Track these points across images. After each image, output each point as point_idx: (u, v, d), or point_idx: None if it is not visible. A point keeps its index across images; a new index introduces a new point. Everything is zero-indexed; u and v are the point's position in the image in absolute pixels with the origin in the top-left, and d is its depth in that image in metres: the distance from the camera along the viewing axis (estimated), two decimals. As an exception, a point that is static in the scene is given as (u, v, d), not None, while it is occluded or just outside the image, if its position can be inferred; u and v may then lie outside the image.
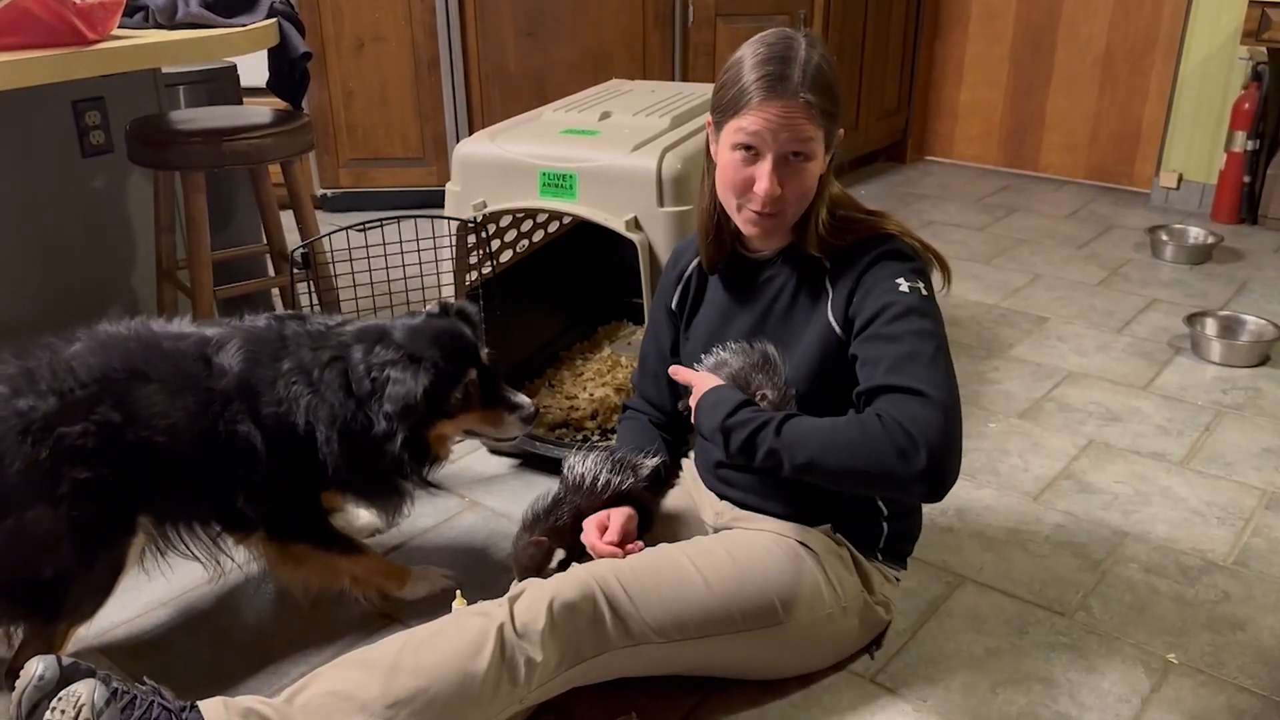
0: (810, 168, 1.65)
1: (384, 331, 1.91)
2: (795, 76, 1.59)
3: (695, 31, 4.60)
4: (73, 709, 1.43)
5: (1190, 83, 4.55)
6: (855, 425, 1.56)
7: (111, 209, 2.91)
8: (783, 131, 1.61)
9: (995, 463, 2.64)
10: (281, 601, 2.14)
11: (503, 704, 1.59)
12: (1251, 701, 1.85)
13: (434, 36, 4.46)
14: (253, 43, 2.64)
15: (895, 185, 5.20)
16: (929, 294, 1.68)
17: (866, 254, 1.70)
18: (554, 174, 2.36)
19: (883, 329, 1.63)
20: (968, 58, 5.37)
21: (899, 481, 1.52)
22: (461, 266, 2.53)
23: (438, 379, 1.85)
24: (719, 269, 1.87)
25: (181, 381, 1.82)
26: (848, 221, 1.74)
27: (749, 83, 1.61)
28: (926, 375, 1.55)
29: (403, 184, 4.68)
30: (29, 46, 2.22)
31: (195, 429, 1.80)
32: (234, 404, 1.82)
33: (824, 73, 1.62)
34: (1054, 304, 3.68)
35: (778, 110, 1.60)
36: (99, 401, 1.73)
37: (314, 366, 1.86)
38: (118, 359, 1.80)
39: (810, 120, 1.61)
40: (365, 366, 1.85)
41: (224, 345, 1.87)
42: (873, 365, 1.61)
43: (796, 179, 1.65)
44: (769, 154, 1.63)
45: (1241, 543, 2.31)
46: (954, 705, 1.84)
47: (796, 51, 1.62)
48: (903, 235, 1.73)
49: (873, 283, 1.67)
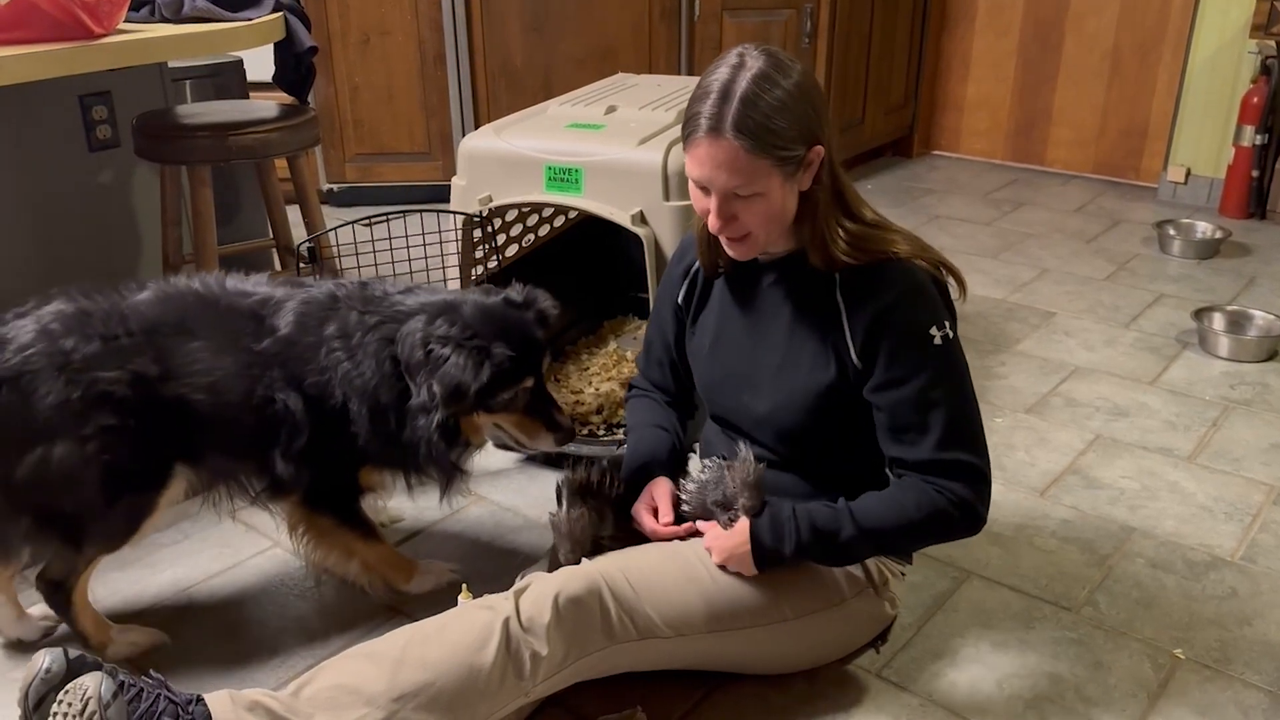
0: (758, 204, 1.58)
1: (452, 306, 1.83)
2: (727, 117, 1.51)
3: (701, 25, 4.60)
4: (80, 702, 1.44)
5: (1199, 77, 4.53)
6: (915, 506, 1.65)
7: (118, 203, 2.92)
8: (719, 173, 1.55)
9: (1002, 458, 2.63)
10: (288, 595, 2.14)
11: (508, 697, 1.59)
12: (1259, 697, 1.85)
13: (440, 31, 4.46)
14: (259, 37, 2.65)
15: (902, 180, 5.19)
16: (955, 332, 1.66)
17: (886, 287, 1.64)
18: (560, 168, 2.36)
19: (925, 394, 1.63)
20: (975, 52, 5.35)
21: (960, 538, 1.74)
22: (467, 261, 2.53)
23: (495, 376, 1.78)
24: (720, 273, 1.84)
25: (227, 341, 1.82)
26: (860, 240, 1.66)
27: (689, 119, 1.56)
28: (972, 440, 1.66)
29: (408, 179, 4.68)
30: (35, 41, 2.22)
31: (235, 389, 1.81)
32: (274, 368, 1.82)
33: (759, 107, 1.51)
34: (1061, 299, 3.67)
35: (708, 151, 1.54)
36: (139, 353, 1.77)
37: (356, 331, 1.82)
38: (171, 312, 1.83)
39: (744, 160, 1.53)
40: (424, 336, 1.78)
41: (281, 307, 1.85)
42: (918, 433, 1.64)
43: (749, 212, 1.59)
44: (715, 192, 1.58)
45: (1249, 538, 2.31)
46: (960, 700, 1.84)
47: (735, 85, 1.52)
48: (915, 256, 1.67)
49: (902, 332, 1.63)
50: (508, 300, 1.89)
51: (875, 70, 5.05)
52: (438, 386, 1.76)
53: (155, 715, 1.46)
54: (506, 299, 1.89)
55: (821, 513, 1.67)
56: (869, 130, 5.16)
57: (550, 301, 1.95)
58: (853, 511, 1.66)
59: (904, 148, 5.58)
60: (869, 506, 1.67)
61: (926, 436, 1.63)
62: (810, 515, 1.66)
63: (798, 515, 1.66)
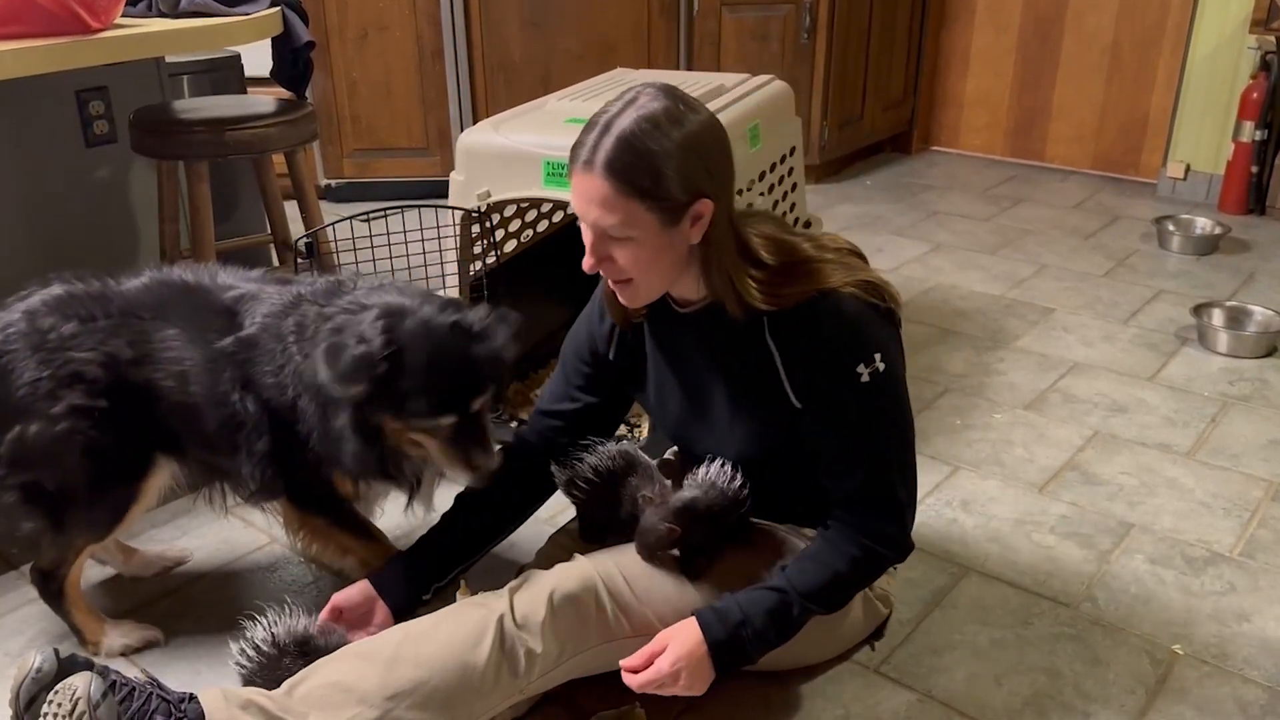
0: (630, 248, 1.52)
1: (400, 312, 1.69)
2: (603, 151, 1.46)
3: (700, 21, 4.59)
4: (69, 702, 1.43)
5: (1198, 72, 4.52)
6: (846, 563, 1.66)
7: (115, 199, 2.91)
8: (590, 208, 1.50)
9: (1000, 454, 2.63)
10: (285, 591, 2.14)
11: (503, 694, 1.59)
12: (1257, 693, 1.85)
13: (438, 26, 4.45)
14: (256, 32, 2.64)
15: (901, 176, 5.18)
16: (887, 364, 1.61)
17: (813, 327, 1.59)
18: (558, 163, 2.35)
19: (853, 433, 1.63)
20: (974, 47, 5.34)
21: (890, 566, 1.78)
22: (465, 256, 2.52)
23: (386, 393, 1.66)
24: (633, 326, 1.78)
25: (197, 333, 1.82)
26: (781, 274, 1.59)
27: (573, 149, 1.52)
28: (900, 473, 1.68)
29: (407, 174, 4.67)
30: (32, 35, 2.22)
31: (202, 383, 1.81)
32: (232, 368, 1.80)
33: (634, 148, 1.45)
34: (1060, 295, 3.66)
35: (580, 185, 1.50)
36: (115, 334, 1.78)
37: (311, 325, 1.76)
38: (153, 298, 1.83)
39: (612, 199, 1.47)
40: (356, 332, 1.66)
41: (255, 305, 1.83)
42: (845, 469, 1.65)
43: (623, 254, 1.53)
44: (588, 228, 1.54)
45: (1248, 534, 2.30)
46: (958, 696, 1.84)
47: (617, 122, 1.47)
48: (842, 284, 1.60)
49: (830, 372, 1.60)
50: (457, 326, 1.70)
51: (874, 66, 5.04)
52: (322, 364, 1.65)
53: (147, 714, 1.46)
54: (457, 324, 1.70)
55: (767, 597, 1.64)
56: (868, 126, 5.16)
57: (507, 335, 1.76)
58: (794, 586, 1.65)
59: (903, 144, 5.57)
60: (806, 574, 1.66)
61: (853, 473, 1.65)
62: (755, 603, 1.64)
63: (743, 605, 1.63)
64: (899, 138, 5.56)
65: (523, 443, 1.94)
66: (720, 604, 1.64)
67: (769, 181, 2.69)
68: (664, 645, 1.60)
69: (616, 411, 1.95)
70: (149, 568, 2.19)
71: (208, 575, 2.20)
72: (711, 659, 1.61)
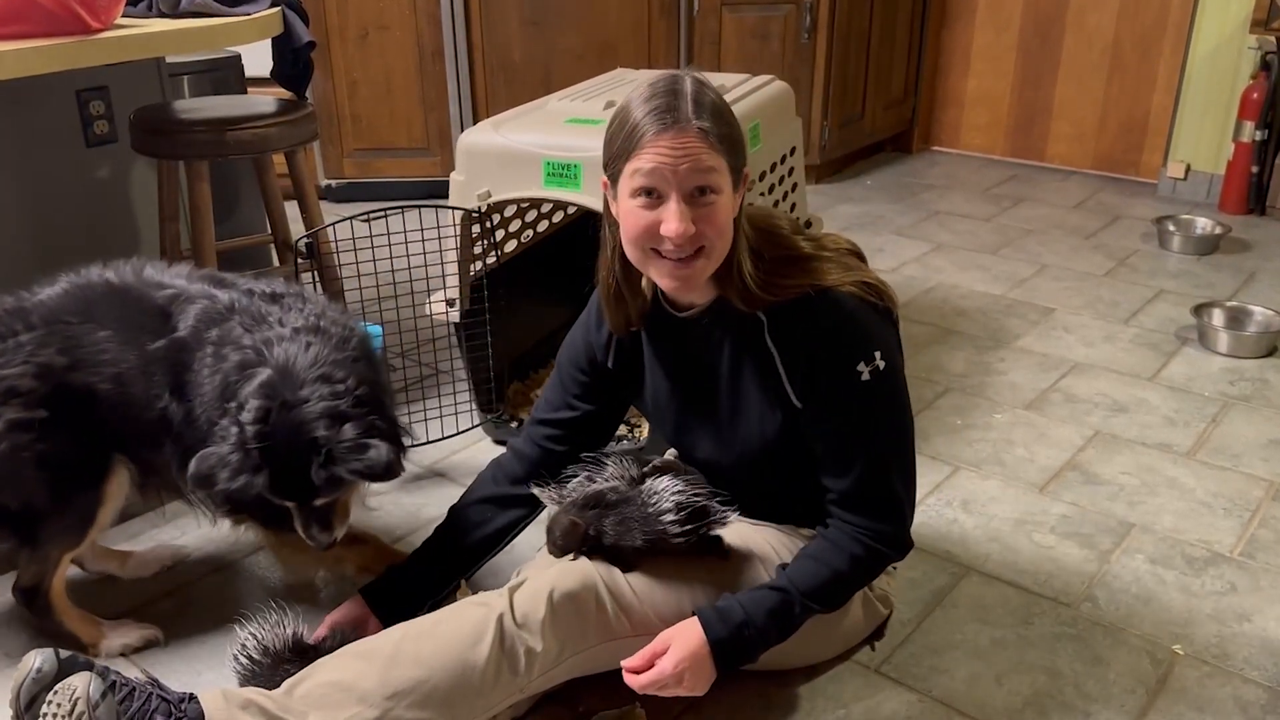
0: (720, 203, 1.53)
1: (278, 388, 1.69)
2: (686, 106, 1.50)
3: (701, 21, 4.59)
4: (68, 702, 1.43)
5: (1199, 72, 4.52)
6: (846, 561, 1.66)
7: (116, 199, 2.91)
8: (682, 163, 1.49)
9: (1001, 454, 2.63)
10: (286, 592, 2.14)
11: (503, 693, 1.59)
12: (1258, 693, 1.84)
13: (438, 26, 4.45)
14: (257, 32, 2.64)
15: (901, 175, 5.18)
16: (887, 362, 1.62)
17: (812, 326, 1.61)
18: (559, 163, 2.35)
19: (852, 431, 1.64)
20: (975, 47, 5.34)
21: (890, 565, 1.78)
22: (465, 257, 2.52)
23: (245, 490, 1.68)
24: (630, 333, 1.78)
25: (131, 335, 1.81)
26: (778, 267, 1.62)
27: (639, 120, 1.51)
28: (900, 472, 1.70)
29: (407, 174, 4.67)
30: (32, 35, 2.21)
31: (137, 385, 1.80)
32: (160, 370, 1.80)
33: (716, 103, 1.53)
34: (1061, 295, 3.66)
35: (672, 141, 1.49)
36: (44, 345, 1.76)
37: (228, 345, 1.76)
38: (77, 304, 1.82)
39: (709, 148, 1.50)
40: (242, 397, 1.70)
41: (188, 304, 1.83)
42: (844, 467, 1.66)
43: (707, 218, 1.52)
44: (672, 192, 1.51)
45: (1248, 534, 2.30)
46: (958, 696, 1.84)
47: (683, 85, 1.52)
48: (840, 283, 1.62)
49: (830, 371, 1.61)
50: (315, 443, 1.68)
51: (875, 65, 5.04)
52: (194, 463, 1.68)
53: (147, 714, 1.46)
54: (315, 440, 1.67)
55: (769, 596, 1.65)
56: (868, 125, 5.16)
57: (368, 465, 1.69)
58: (795, 585, 1.65)
59: (904, 143, 5.57)
60: (806, 573, 1.66)
61: (852, 470, 1.65)
62: (757, 602, 1.64)
63: (744, 605, 1.64)
64: (899, 137, 5.56)
65: (517, 453, 1.94)
66: (722, 604, 1.64)
67: (769, 181, 2.69)
68: (666, 646, 1.60)
69: (613, 418, 1.95)
70: (147, 567, 2.18)
71: (208, 576, 2.20)
72: (714, 658, 1.61)
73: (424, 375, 3.05)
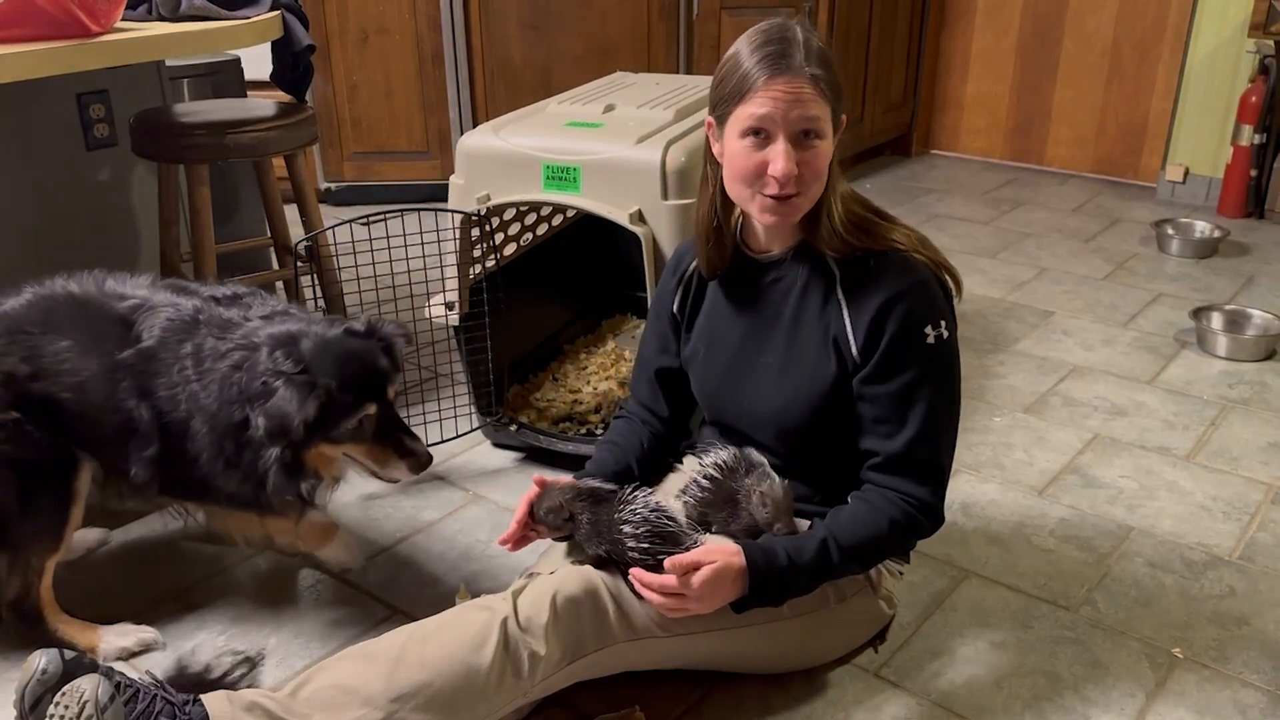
0: (822, 147, 1.61)
1: (294, 338, 1.78)
2: (798, 54, 1.57)
3: (700, 24, 4.59)
4: (76, 704, 1.43)
5: (1197, 75, 4.53)
6: (886, 524, 1.68)
7: (116, 202, 2.91)
8: (793, 108, 1.57)
9: (1000, 457, 2.63)
10: (287, 596, 2.14)
11: (507, 697, 1.59)
12: (1257, 696, 1.85)
13: (438, 29, 4.46)
14: (257, 35, 2.64)
15: (901, 179, 5.19)
16: (950, 332, 1.69)
17: (886, 282, 1.66)
18: (558, 167, 2.35)
19: (909, 391, 1.66)
20: (974, 50, 5.35)
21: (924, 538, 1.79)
22: (465, 260, 2.53)
23: (325, 407, 1.72)
24: (720, 274, 1.84)
25: (93, 344, 1.84)
26: (862, 221, 1.70)
27: (751, 66, 1.59)
28: (948, 442, 1.73)
29: (407, 177, 4.68)
30: (32, 39, 2.21)
31: (100, 391, 1.83)
32: (130, 377, 1.82)
33: (824, 51, 1.61)
34: (1060, 298, 3.67)
35: (784, 87, 1.57)
36: (4, 355, 1.80)
37: (208, 358, 1.80)
38: (39, 315, 1.86)
39: (818, 95, 1.58)
40: (263, 368, 1.75)
41: (150, 314, 1.85)
42: (894, 427, 1.68)
43: (809, 160, 1.61)
44: (780, 134, 1.59)
45: (1247, 537, 2.31)
46: (958, 699, 1.84)
47: (794, 33, 1.60)
48: (914, 250, 1.70)
49: (899, 327, 1.65)
50: (349, 330, 1.83)
51: (874, 68, 5.04)
52: (263, 420, 1.71)
53: (152, 716, 1.46)
54: (348, 329, 1.83)
55: (812, 543, 1.66)
56: (868, 129, 5.16)
57: (396, 328, 1.90)
58: (835, 537, 1.66)
59: (903, 146, 5.58)
60: (845, 531, 1.67)
61: (902, 432, 1.67)
62: (801, 550, 1.66)
63: (787, 549, 1.65)
64: (899, 140, 5.57)
65: (630, 412, 2.02)
66: (765, 542, 1.67)
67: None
68: (697, 566, 1.60)
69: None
70: (74, 551, 2.17)
71: (208, 577, 2.20)
72: (747, 582, 1.63)
73: (423, 378, 3.05)
